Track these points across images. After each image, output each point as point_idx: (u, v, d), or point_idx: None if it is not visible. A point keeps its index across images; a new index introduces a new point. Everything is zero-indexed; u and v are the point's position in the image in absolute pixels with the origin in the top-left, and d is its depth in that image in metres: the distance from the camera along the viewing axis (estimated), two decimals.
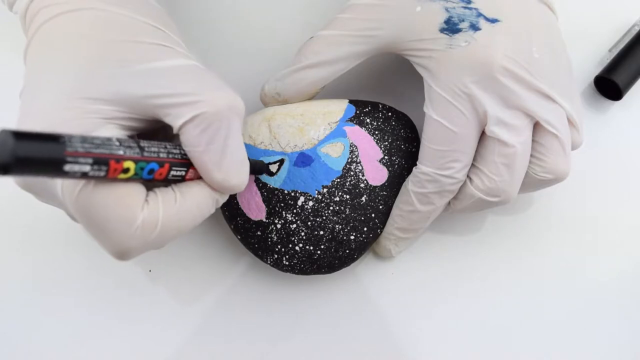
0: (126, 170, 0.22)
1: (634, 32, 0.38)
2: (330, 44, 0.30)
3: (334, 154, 0.31)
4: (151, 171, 0.23)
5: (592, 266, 0.36)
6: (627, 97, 0.36)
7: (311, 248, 0.31)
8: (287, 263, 0.31)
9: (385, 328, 0.35)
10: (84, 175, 0.20)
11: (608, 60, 0.37)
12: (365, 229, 0.32)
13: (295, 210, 0.31)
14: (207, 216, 0.26)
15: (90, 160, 0.20)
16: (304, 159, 0.31)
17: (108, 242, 0.23)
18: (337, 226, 0.31)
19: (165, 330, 0.35)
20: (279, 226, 0.31)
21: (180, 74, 0.25)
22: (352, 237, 0.31)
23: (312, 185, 0.31)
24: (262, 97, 0.33)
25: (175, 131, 0.24)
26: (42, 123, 0.23)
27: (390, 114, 0.32)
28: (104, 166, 0.21)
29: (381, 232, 0.32)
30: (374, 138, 0.32)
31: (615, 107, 0.38)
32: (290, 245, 0.31)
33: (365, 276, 0.36)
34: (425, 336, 0.35)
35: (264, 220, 0.31)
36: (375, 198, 0.31)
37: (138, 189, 0.23)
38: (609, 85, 0.37)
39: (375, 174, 0.31)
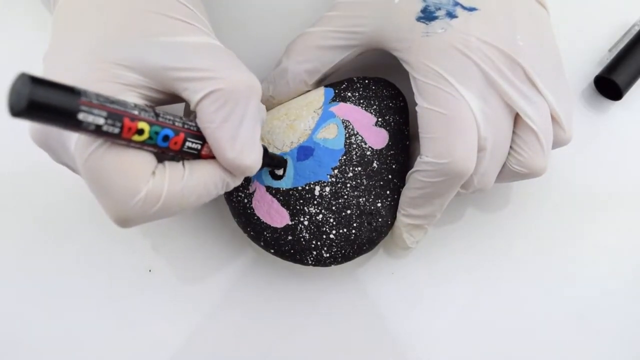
0: (140, 132, 0.22)
1: (634, 32, 0.37)
2: (317, 41, 0.31)
3: (331, 136, 0.31)
4: (166, 138, 0.23)
5: (593, 266, 0.36)
6: (627, 97, 0.37)
7: (345, 230, 0.31)
8: (327, 255, 0.31)
9: (386, 328, 0.35)
10: (98, 129, 0.20)
11: (608, 60, 0.37)
12: (387, 192, 0.32)
13: (315, 202, 0.31)
14: (214, 196, 0.26)
15: (104, 113, 0.20)
16: (304, 152, 0.31)
17: (109, 209, 0.23)
18: (360, 199, 0.31)
19: (166, 329, 0.35)
20: (306, 223, 0.31)
21: (201, 51, 0.25)
22: (379, 205, 0.31)
23: (321, 172, 0.31)
24: None
25: (192, 107, 0.24)
26: (65, 81, 0.23)
27: (367, 81, 0.33)
28: (118, 122, 0.21)
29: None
30: (362, 107, 0.32)
31: (615, 107, 0.38)
32: (325, 236, 0.31)
33: (365, 276, 0.36)
34: (426, 336, 0.35)
35: (290, 223, 0.31)
36: (386, 160, 0.32)
37: (147, 161, 0.23)
38: (609, 85, 0.37)
39: (376, 138, 0.32)
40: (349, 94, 0.32)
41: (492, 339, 0.35)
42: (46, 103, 0.18)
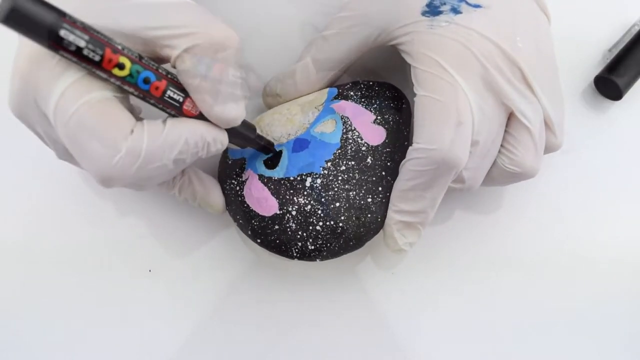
0: (121, 66, 0.23)
1: (634, 32, 0.37)
2: (328, 44, 0.32)
3: (328, 130, 0.31)
4: (147, 80, 0.24)
5: (593, 266, 0.36)
6: (627, 97, 0.37)
7: (332, 223, 0.30)
8: (312, 247, 0.30)
9: (385, 328, 0.35)
10: (79, 51, 0.21)
11: (608, 60, 0.37)
12: (379, 188, 0.31)
13: (305, 192, 0.30)
14: (196, 156, 0.26)
15: (86, 37, 0.21)
16: (300, 144, 0.31)
17: (91, 169, 0.24)
18: (351, 193, 0.30)
19: (166, 329, 0.35)
20: (294, 213, 0.30)
21: (174, 9, 0.25)
22: (369, 200, 0.31)
23: (315, 164, 0.31)
24: (263, 96, 0.34)
25: (172, 64, 0.25)
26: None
27: (371, 83, 0.33)
28: (99, 49, 0.22)
29: None
30: (362, 105, 0.32)
31: (615, 107, 0.38)
32: (311, 227, 0.30)
33: (365, 276, 0.36)
34: (426, 335, 0.35)
35: (278, 212, 0.31)
36: (381, 156, 0.31)
37: (125, 120, 0.24)
38: (609, 85, 0.37)
39: (373, 134, 0.32)
40: (352, 93, 0.32)
41: (492, 339, 0.35)
42: (29, 14, 0.19)
